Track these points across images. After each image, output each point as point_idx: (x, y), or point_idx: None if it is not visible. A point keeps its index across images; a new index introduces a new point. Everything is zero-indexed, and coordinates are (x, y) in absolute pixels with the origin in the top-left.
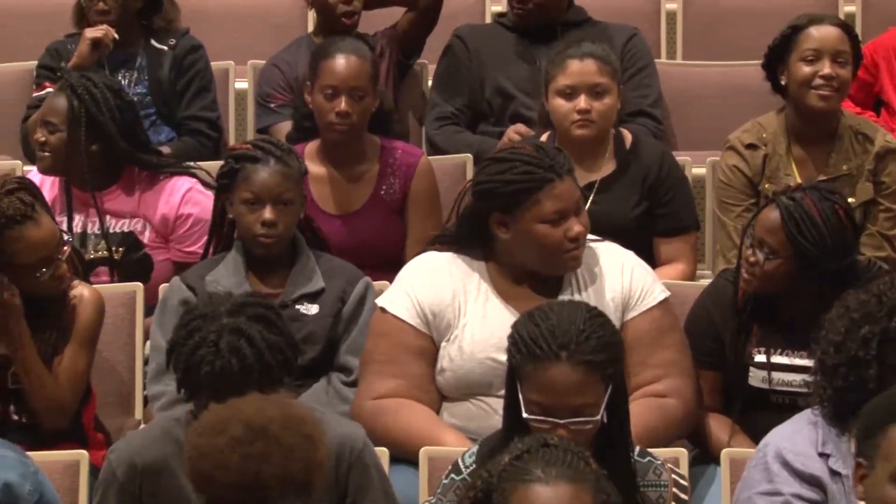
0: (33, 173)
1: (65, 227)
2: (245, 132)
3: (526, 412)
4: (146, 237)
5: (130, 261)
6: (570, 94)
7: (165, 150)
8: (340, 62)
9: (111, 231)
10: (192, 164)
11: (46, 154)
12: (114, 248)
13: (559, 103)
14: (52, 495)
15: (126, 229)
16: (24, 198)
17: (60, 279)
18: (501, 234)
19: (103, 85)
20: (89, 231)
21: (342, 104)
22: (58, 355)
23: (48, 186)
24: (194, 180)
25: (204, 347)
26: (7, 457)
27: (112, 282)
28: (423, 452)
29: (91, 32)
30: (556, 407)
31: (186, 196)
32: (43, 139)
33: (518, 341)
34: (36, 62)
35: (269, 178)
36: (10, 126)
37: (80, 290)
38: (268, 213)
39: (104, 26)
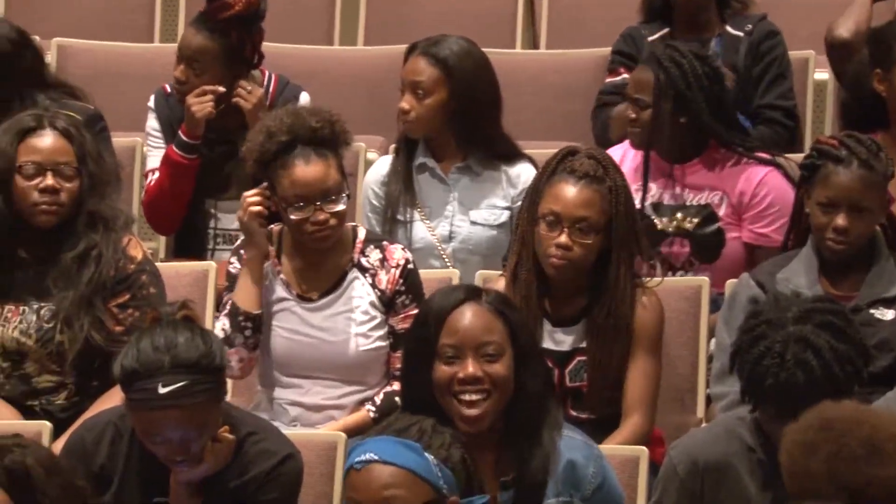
0: (615, 149)
1: (638, 197)
2: (822, 125)
3: None
4: (722, 211)
5: (704, 233)
6: None
7: None
8: None
9: (687, 203)
10: (778, 154)
11: (637, 129)
12: (689, 219)
13: None
14: (614, 484)
15: (703, 202)
16: (596, 168)
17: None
18: None
19: (690, 54)
20: (665, 202)
21: None
22: (624, 363)
23: (630, 156)
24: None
25: (768, 357)
26: (574, 438)
27: (685, 254)
28: None
29: None
30: None
31: (766, 177)
32: (634, 116)
33: None
34: (609, 48)
35: (848, 183)
36: (585, 112)
37: (642, 296)
38: (840, 220)
39: None
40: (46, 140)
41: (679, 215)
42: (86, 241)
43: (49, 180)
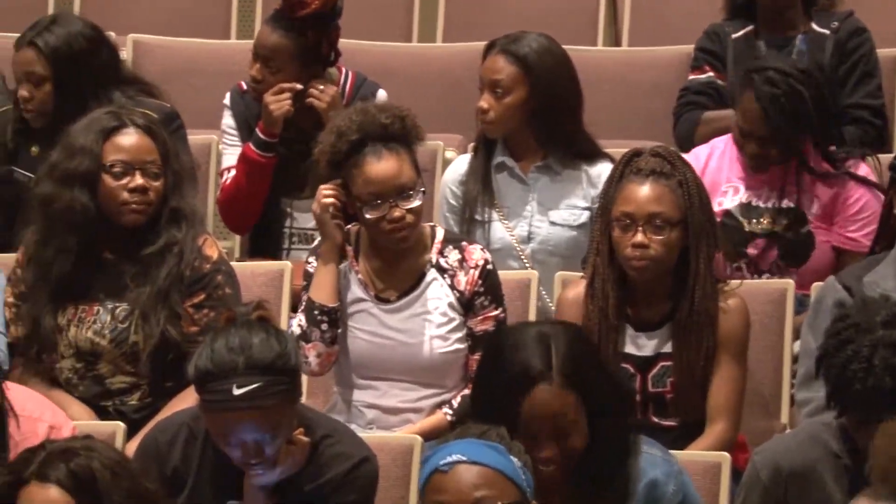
0: (701, 147)
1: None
2: None
3: None
4: (812, 214)
5: (793, 236)
6: None
7: None
8: None
9: (776, 206)
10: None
11: (760, 162)
12: (778, 222)
13: None
14: (694, 497)
15: (793, 204)
16: (662, 165)
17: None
18: None
19: (795, 70)
20: (754, 203)
21: None
22: (708, 366)
23: (717, 155)
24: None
25: (856, 362)
26: (654, 455)
27: (773, 257)
28: None
29: None
30: None
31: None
32: (759, 151)
33: None
34: (692, 46)
35: None
36: (667, 110)
37: (725, 300)
38: None
39: None
40: (131, 138)
41: (768, 217)
42: (166, 238)
43: (139, 179)
